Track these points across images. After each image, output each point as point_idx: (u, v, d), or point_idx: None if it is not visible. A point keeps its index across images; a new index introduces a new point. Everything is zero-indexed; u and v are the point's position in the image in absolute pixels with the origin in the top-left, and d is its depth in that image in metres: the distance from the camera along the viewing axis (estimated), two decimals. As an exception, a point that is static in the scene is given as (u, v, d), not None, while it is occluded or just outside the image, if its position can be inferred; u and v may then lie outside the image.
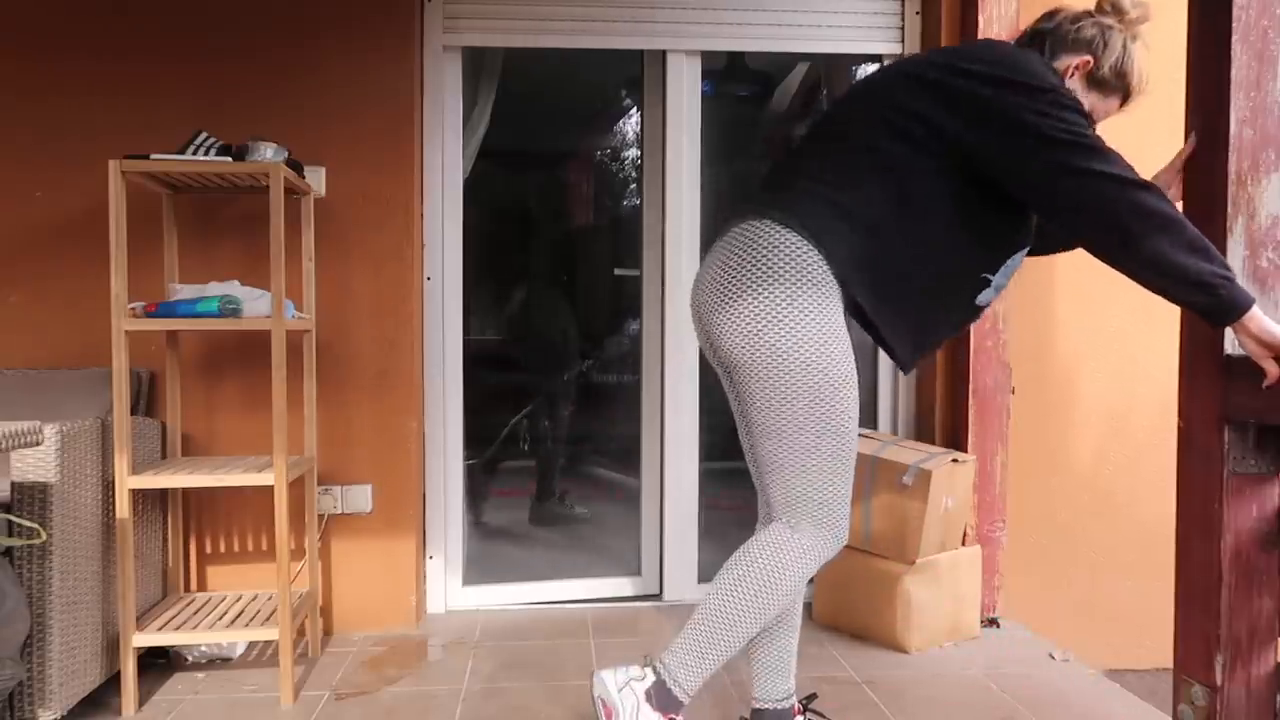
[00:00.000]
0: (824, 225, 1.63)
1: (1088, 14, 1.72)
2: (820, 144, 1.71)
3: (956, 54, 1.64)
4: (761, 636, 1.87)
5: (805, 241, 1.61)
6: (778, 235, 1.62)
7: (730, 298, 1.66)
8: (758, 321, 1.62)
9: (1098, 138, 1.53)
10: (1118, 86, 1.71)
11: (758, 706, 1.89)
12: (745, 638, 1.70)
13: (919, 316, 1.70)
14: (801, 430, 1.63)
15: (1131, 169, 1.52)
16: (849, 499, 1.70)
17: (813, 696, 2.03)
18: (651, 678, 1.70)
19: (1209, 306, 1.46)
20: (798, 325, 1.61)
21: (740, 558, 1.71)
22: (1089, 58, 1.69)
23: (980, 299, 1.73)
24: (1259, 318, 1.43)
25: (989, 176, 1.61)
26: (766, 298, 1.62)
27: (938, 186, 1.63)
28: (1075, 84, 1.70)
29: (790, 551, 1.67)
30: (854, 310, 1.70)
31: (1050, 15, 1.75)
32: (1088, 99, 1.71)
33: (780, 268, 1.61)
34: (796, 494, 1.67)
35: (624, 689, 1.70)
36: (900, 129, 1.61)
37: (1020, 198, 1.62)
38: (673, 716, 1.70)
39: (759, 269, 1.63)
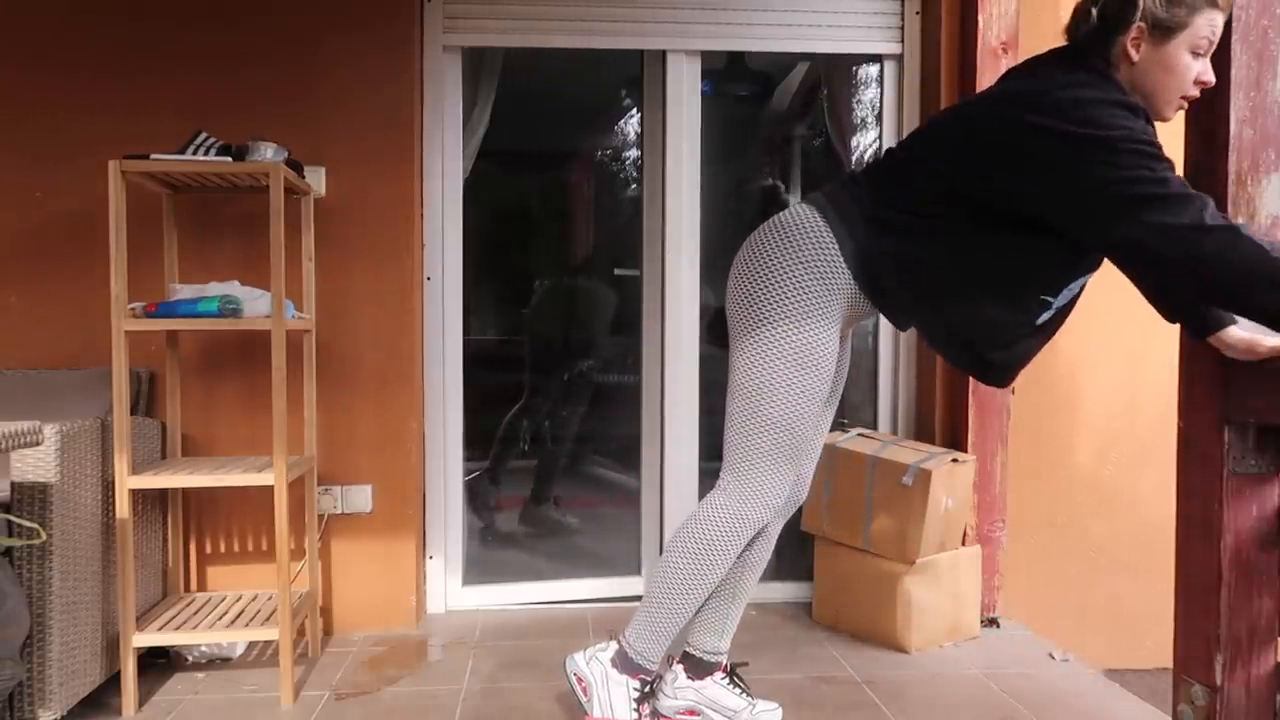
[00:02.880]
0: (855, 222, 1.74)
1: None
2: (880, 170, 1.80)
3: (1015, 102, 1.57)
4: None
5: (826, 225, 1.75)
6: (805, 214, 1.78)
7: (745, 262, 1.83)
8: (757, 286, 1.79)
9: (1167, 178, 1.43)
10: (1188, 7, 1.51)
11: (689, 650, 2.08)
12: (694, 603, 1.88)
13: (966, 330, 1.73)
14: (760, 394, 1.79)
15: (1204, 210, 1.41)
16: (784, 472, 1.84)
17: (743, 664, 2.17)
18: (614, 647, 1.93)
19: None
20: (790, 299, 1.75)
21: (680, 532, 1.89)
22: (1135, 25, 1.53)
23: (1041, 319, 1.71)
24: None
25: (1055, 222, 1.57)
26: (771, 267, 1.77)
27: (985, 218, 1.63)
28: (1147, 53, 1.54)
29: (718, 520, 1.84)
30: (892, 314, 1.81)
31: (1074, 22, 1.63)
32: (1169, 52, 1.53)
33: (794, 240, 1.76)
34: (738, 454, 1.84)
35: (591, 661, 1.93)
36: (949, 173, 1.64)
37: (1090, 247, 1.60)
38: (642, 677, 1.90)
39: (776, 239, 1.78)
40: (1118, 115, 1.48)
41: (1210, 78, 1.55)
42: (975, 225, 1.64)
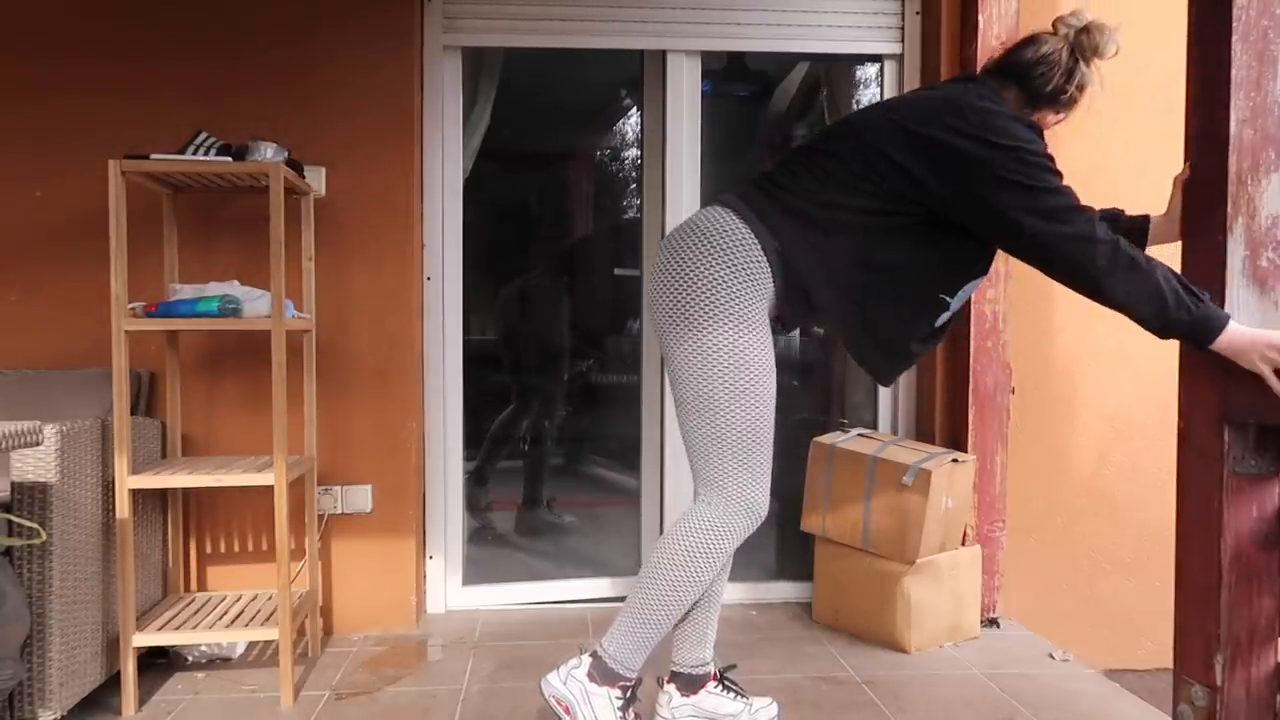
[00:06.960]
0: (774, 220, 1.76)
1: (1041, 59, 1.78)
2: (797, 162, 1.82)
3: (933, 107, 1.72)
4: None
5: (744, 226, 1.75)
6: (721, 216, 1.78)
7: (667, 270, 1.80)
8: (683, 294, 1.76)
9: (1062, 190, 1.63)
10: (1077, 97, 1.82)
11: (676, 669, 2.04)
12: (677, 614, 1.85)
13: (881, 328, 1.80)
14: (715, 408, 1.76)
15: (1092, 222, 1.61)
16: (762, 477, 1.82)
17: (731, 667, 2.13)
18: (589, 660, 1.87)
19: (1183, 337, 1.55)
20: (720, 304, 1.74)
21: (664, 540, 1.84)
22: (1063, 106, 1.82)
23: (939, 321, 1.82)
24: (1234, 335, 1.48)
25: (957, 220, 1.72)
26: (696, 274, 1.75)
27: (903, 215, 1.73)
28: (1051, 122, 1.83)
29: (705, 530, 1.81)
30: (809, 313, 1.84)
31: (1021, 52, 1.81)
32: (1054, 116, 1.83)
33: (716, 244, 1.75)
34: (711, 470, 1.80)
35: (568, 679, 1.86)
36: (874, 169, 1.72)
37: (999, 247, 1.76)
38: (622, 685, 1.86)
39: (696, 244, 1.77)
40: (1023, 130, 1.68)
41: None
42: (892, 221, 1.73)
